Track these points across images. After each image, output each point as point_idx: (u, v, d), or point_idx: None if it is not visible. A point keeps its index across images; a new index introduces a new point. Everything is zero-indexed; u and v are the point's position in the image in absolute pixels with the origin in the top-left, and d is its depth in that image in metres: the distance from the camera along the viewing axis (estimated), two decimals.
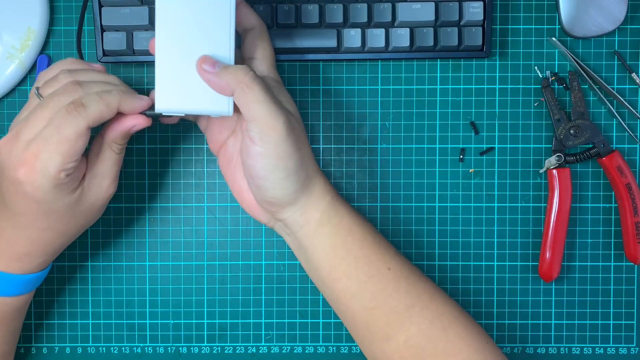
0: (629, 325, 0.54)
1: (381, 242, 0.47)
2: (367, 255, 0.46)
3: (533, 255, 0.54)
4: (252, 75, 0.42)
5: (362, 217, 0.48)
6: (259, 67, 0.46)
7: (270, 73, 0.47)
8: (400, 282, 0.46)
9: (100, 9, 0.51)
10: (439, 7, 0.51)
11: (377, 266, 0.46)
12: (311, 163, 0.46)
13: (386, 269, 0.46)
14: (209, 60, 0.42)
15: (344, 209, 0.47)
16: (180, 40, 0.43)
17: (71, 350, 0.54)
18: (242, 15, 0.47)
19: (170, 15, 0.43)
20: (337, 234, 0.46)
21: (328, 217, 0.46)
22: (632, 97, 0.54)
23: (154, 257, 0.54)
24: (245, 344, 0.55)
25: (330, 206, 0.46)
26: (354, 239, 0.46)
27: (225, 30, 0.43)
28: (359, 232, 0.46)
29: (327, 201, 0.46)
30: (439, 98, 0.54)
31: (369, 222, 0.48)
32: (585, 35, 0.52)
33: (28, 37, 0.52)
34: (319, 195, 0.46)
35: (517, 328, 0.54)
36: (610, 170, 0.52)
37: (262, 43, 0.47)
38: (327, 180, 0.47)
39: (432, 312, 0.45)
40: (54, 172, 0.41)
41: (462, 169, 0.54)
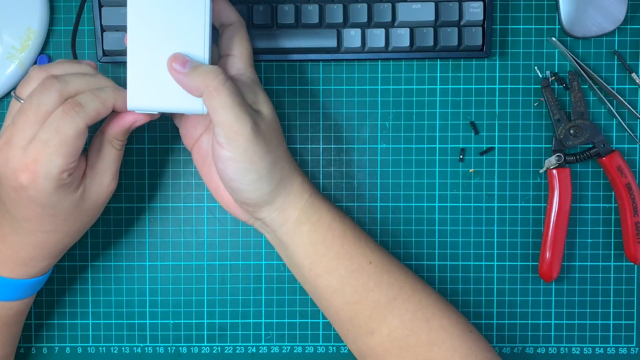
0: (629, 325, 0.54)
1: (361, 237, 0.47)
2: (348, 251, 0.46)
3: (533, 255, 0.54)
4: (221, 79, 0.40)
5: (341, 213, 0.48)
6: (236, 65, 0.46)
7: (247, 71, 0.46)
8: (382, 276, 0.46)
9: (100, 9, 0.51)
10: (439, 7, 0.51)
11: (359, 261, 0.46)
12: (287, 162, 0.46)
13: (367, 263, 0.46)
14: (180, 59, 0.41)
15: (323, 206, 0.47)
16: (152, 36, 0.42)
17: (71, 350, 0.54)
18: (220, 10, 0.46)
19: (143, 10, 0.42)
20: (316, 232, 0.46)
21: (307, 215, 0.46)
22: (632, 97, 0.54)
23: (154, 257, 0.54)
24: (245, 344, 0.55)
25: (308, 204, 0.46)
26: (334, 236, 0.46)
27: (200, 27, 0.42)
28: (339, 229, 0.46)
29: (306, 199, 0.46)
30: (439, 98, 0.54)
31: (348, 218, 0.48)
32: (585, 35, 0.52)
33: (28, 37, 0.52)
34: (297, 194, 0.46)
35: (517, 328, 0.54)
36: (610, 170, 0.52)
37: (240, 40, 0.46)
38: (306, 177, 0.47)
39: (415, 304, 0.46)
40: (56, 174, 0.40)
41: (462, 169, 0.54)
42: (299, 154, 0.54)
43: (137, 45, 0.42)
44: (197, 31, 0.42)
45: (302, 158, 0.54)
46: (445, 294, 0.54)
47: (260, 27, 0.51)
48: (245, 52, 0.46)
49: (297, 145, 0.54)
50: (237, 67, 0.46)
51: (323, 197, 0.48)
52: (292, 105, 0.54)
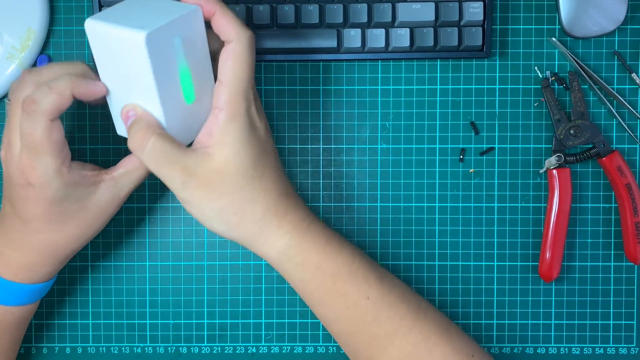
0: (629, 325, 0.54)
1: (359, 272, 0.45)
2: (341, 288, 0.45)
3: (533, 255, 0.54)
4: (147, 146, 0.40)
5: (337, 246, 0.45)
6: (219, 97, 0.41)
7: (230, 106, 0.41)
8: (381, 310, 0.45)
9: (100, 9, 0.51)
10: (439, 7, 0.51)
11: (354, 297, 0.45)
12: (256, 206, 0.43)
13: (364, 299, 0.45)
14: (124, 112, 0.42)
15: (310, 245, 0.44)
16: (114, 77, 0.41)
17: (71, 350, 0.54)
18: (219, 25, 0.41)
19: (101, 54, 0.40)
20: (303, 272, 0.45)
21: (287, 256, 0.44)
22: (632, 97, 0.54)
23: (154, 257, 0.54)
24: (245, 344, 0.55)
25: (288, 246, 0.44)
26: (324, 274, 0.44)
27: (148, 77, 0.39)
28: (331, 267, 0.44)
29: (285, 242, 0.44)
30: (439, 98, 0.54)
31: (347, 250, 0.46)
32: (585, 35, 0.52)
33: (28, 37, 0.52)
34: (272, 236, 0.44)
35: (517, 328, 0.54)
36: (610, 170, 0.52)
37: (233, 64, 0.41)
38: (292, 216, 0.44)
39: (416, 335, 0.44)
40: (52, 172, 0.41)
41: (462, 169, 0.54)
42: (299, 154, 0.54)
43: (108, 82, 0.42)
44: (146, 81, 0.40)
45: (302, 158, 0.54)
46: (445, 294, 0.54)
47: (260, 27, 0.51)
48: (235, 81, 0.41)
49: (297, 146, 0.54)
50: (219, 101, 0.42)
51: (315, 234, 0.45)
52: (292, 105, 0.54)
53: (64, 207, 0.43)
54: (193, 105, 0.42)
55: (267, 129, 0.45)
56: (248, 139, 0.42)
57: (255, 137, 0.43)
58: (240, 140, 0.42)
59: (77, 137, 0.54)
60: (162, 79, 0.40)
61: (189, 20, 0.40)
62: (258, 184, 0.43)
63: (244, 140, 0.42)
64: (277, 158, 0.46)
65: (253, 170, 0.43)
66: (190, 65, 0.41)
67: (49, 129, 0.40)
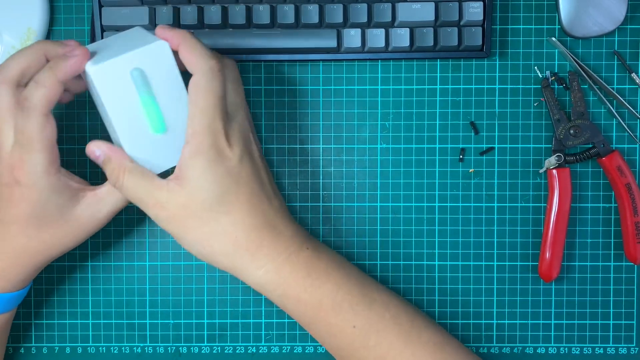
0: (629, 325, 0.54)
1: (344, 302, 0.44)
2: (325, 318, 0.45)
3: (533, 255, 0.54)
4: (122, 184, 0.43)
5: (321, 278, 0.45)
6: (187, 131, 0.42)
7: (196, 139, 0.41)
8: (368, 337, 0.44)
9: (100, 9, 0.51)
10: (439, 7, 0.51)
11: (339, 328, 0.45)
12: (224, 242, 0.43)
13: (350, 327, 0.44)
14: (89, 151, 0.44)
15: (288, 279, 0.44)
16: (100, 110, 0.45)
17: (71, 350, 0.54)
18: (181, 58, 0.42)
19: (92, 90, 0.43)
20: (284, 302, 0.45)
21: (266, 289, 0.45)
22: (632, 97, 0.54)
23: (154, 257, 0.54)
24: (245, 343, 0.55)
25: (264, 281, 0.44)
26: (305, 307, 0.45)
27: (106, 114, 0.43)
28: (312, 299, 0.44)
29: (260, 275, 0.44)
30: (439, 98, 0.54)
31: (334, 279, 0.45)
32: (585, 35, 0.52)
33: (28, 37, 0.52)
34: (247, 270, 0.44)
35: (517, 328, 0.54)
36: (610, 170, 0.52)
37: (196, 96, 0.41)
38: (268, 249, 0.44)
39: (407, 357, 0.44)
40: (42, 169, 0.42)
41: (462, 169, 0.54)
42: (299, 154, 0.54)
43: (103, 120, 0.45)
44: (105, 111, 0.42)
45: (302, 158, 0.54)
46: (445, 294, 0.54)
47: (261, 27, 0.51)
48: (198, 115, 0.41)
49: (297, 146, 0.54)
50: (187, 134, 0.42)
51: (294, 266, 0.44)
52: (292, 105, 0.54)
53: (44, 212, 0.43)
54: (166, 134, 0.44)
55: (245, 153, 0.44)
56: (212, 173, 0.42)
57: (222, 170, 0.42)
58: (204, 175, 0.42)
59: (66, 137, 0.54)
60: (118, 109, 0.42)
61: (152, 53, 0.41)
62: (225, 219, 0.43)
63: (207, 175, 0.42)
64: (260, 183, 0.45)
65: (218, 205, 0.42)
66: (159, 96, 0.42)
67: (42, 125, 0.41)
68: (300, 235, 0.46)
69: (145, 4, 0.50)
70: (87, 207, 0.45)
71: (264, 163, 0.47)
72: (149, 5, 0.50)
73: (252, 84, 0.54)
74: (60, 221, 0.44)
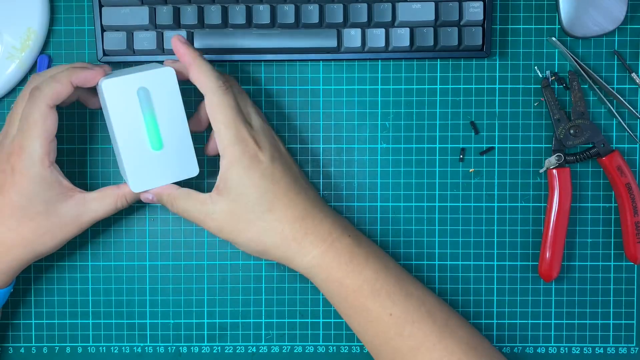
0: (629, 325, 0.54)
1: (383, 289, 0.46)
2: (364, 304, 0.46)
3: (533, 255, 0.54)
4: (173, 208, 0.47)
5: (361, 264, 0.47)
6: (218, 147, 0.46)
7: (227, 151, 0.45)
8: (403, 327, 0.46)
9: (100, 9, 0.51)
10: (439, 7, 0.51)
11: (376, 313, 0.46)
12: (273, 237, 0.46)
13: (387, 315, 0.46)
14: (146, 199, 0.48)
15: (333, 263, 0.46)
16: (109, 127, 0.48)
17: (71, 350, 0.55)
18: (192, 80, 0.46)
19: None
20: (327, 286, 0.47)
21: (312, 274, 0.47)
22: (632, 97, 0.54)
23: (154, 257, 0.54)
24: (245, 343, 0.55)
25: (311, 265, 0.46)
26: (347, 291, 0.46)
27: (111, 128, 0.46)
28: (353, 284, 0.46)
29: (308, 260, 0.46)
30: (439, 98, 0.54)
31: (373, 266, 0.47)
32: (585, 35, 0.52)
33: (28, 37, 0.52)
34: (297, 258, 0.46)
35: (517, 328, 0.54)
36: (610, 170, 0.52)
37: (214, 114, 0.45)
38: (312, 237, 0.46)
39: (440, 351, 0.45)
40: (38, 157, 0.44)
41: (462, 169, 0.54)
42: (299, 154, 0.54)
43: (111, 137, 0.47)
44: (112, 131, 0.47)
45: (302, 158, 0.54)
46: (445, 294, 0.54)
47: (261, 27, 0.51)
48: (222, 129, 0.45)
49: (297, 145, 0.54)
50: (219, 149, 0.46)
51: (338, 251, 0.47)
52: (292, 105, 0.54)
53: (30, 203, 0.45)
54: (163, 152, 0.47)
55: (274, 152, 0.47)
56: (250, 179, 0.45)
57: (258, 173, 0.45)
58: (242, 182, 0.45)
59: (66, 136, 0.54)
60: (122, 123, 0.45)
61: (159, 77, 0.46)
62: (270, 216, 0.46)
63: (245, 181, 0.45)
64: (293, 177, 0.47)
65: (260, 205, 0.46)
66: (159, 116, 0.46)
67: (45, 114, 0.44)
68: (341, 222, 0.48)
69: (145, 4, 0.51)
70: (72, 208, 0.46)
71: (292, 158, 0.49)
72: (149, 5, 0.50)
73: (252, 84, 0.54)
74: (43, 216, 0.45)
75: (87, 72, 0.45)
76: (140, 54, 0.52)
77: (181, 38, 0.46)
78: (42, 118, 0.44)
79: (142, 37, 0.51)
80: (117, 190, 0.48)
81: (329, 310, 0.54)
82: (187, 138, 0.47)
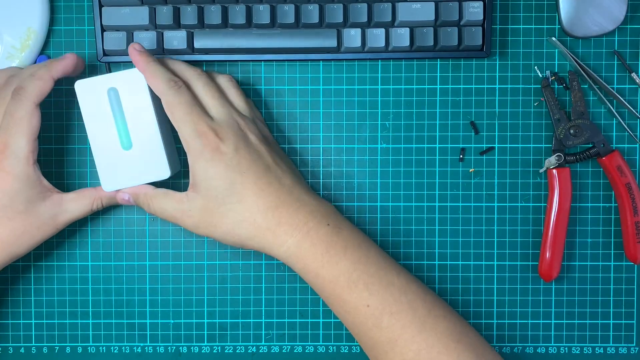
0: (629, 325, 0.54)
1: (360, 280, 0.45)
2: (340, 295, 0.46)
3: (533, 255, 0.54)
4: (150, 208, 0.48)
5: (338, 255, 0.46)
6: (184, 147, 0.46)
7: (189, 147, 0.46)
8: (381, 318, 0.45)
9: (100, 9, 0.51)
10: (439, 7, 0.51)
11: (353, 305, 0.46)
12: (246, 228, 0.46)
13: (364, 307, 0.45)
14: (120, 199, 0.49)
15: (308, 253, 0.46)
16: None
17: (71, 350, 0.55)
18: (148, 82, 0.47)
19: None
20: (305, 276, 0.47)
21: (290, 263, 0.47)
22: (632, 97, 0.54)
23: (154, 257, 0.54)
24: (245, 343, 0.55)
25: (287, 255, 0.46)
26: (323, 282, 0.46)
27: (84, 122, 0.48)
28: (330, 275, 0.46)
29: (283, 250, 0.46)
30: (439, 98, 0.54)
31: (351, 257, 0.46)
32: (585, 35, 0.52)
33: (28, 37, 0.52)
34: (274, 247, 0.46)
35: (517, 328, 0.54)
36: (610, 170, 0.52)
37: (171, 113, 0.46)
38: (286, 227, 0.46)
39: (419, 343, 0.45)
40: (23, 155, 0.45)
41: (462, 169, 0.54)
42: (299, 154, 0.54)
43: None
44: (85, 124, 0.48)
45: (302, 158, 0.54)
46: (445, 294, 0.54)
47: (261, 27, 0.51)
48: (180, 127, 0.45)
49: (297, 145, 0.54)
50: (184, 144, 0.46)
51: (313, 241, 0.46)
52: (292, 105, 0.54)
53: (12, 202, 0.45)
54: (132, 152, 0.48)
55: (239, 142, 0.46)
56: (214, 171, 0.45)
57: (223, 165, 0.45)
58: (208, 175, 0.45)
59: (60, 137, 0.54)
60: (94, 122, 0.47)
61: (129, 78, 0.47)
62: (240, 207, 0.46)
63: (211, 174, 0.45)
64: (264, 166, 0.46)
65: (230, 197, 0.46)
66: (128, 116, 0.47)
67: (30, 113, 0.45)
68: (322, 210, 0.47)
69: (145, 4, 0.51)
70: (50, 208, 0.47)
71: (267, 147, 0.48)
72: (149, 5, 0.50)
73: (252, 84, 0.54)
74: (22, 216, 0.46)
75: (62, 62, 0.47)
76: None
77: (137, 46, 0.47)
78: (28, 116, 0.45)
79: (142, 37, 0.51)
80: (94, 192, 0.48)
81: (329, 310, 0.54)
82: (156, 140, 0.48)
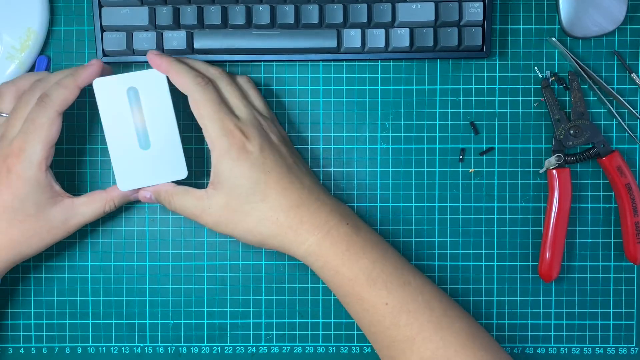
0: (629, 325, 0.54)
1: (379, 278, 0.46)
2: (359, 293, 0.46)
3: (533, 255, 0.54)
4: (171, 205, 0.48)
5: (358, 253, 0.46)
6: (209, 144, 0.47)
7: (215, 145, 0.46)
8: (399, 316, 0.45)
9: (100, 9, 0.51)
10: (439, 7, 0.51)
11: (372, 302, 0.46)
12: (268, 226, 0.46)
13: (383, 305, 0.46)
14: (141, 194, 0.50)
15: (329, 251, 0.46)
16: None
17: (71, 350, 0.55)
18: (174, 82, 0.47)
19: None
20: (324, 274, 0.47)
21: (309, 261, 0.47)
22: (632, 97, 0.54)
23: (154, 257, 0.54)
24: (245, 344, 0.55)
25: (307, 253, 0.47)
26: (343, 280, 0.46)
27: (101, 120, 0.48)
28: (349, 273, 0.46)
29: (305, 248, 0.46)
30: (439, 98, 0.54)
31: (370, 256, 0.47)
32: (585, 35, 0.52)
33: (28, 37, 0.52)
34: (294, 245, 0.47)
35: (517, 328, 0.54)
36: (610, 171, 0.52)
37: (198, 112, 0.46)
38: (308, 225, 0.46)
39: (436, 342, 0.45)
40: (37, 160, 0.45)
41: (462, 169, 0.54)
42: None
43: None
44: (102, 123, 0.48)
45: (302, 158, 0.54)
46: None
47: (261, 27, 0.51)
48: (207, 125, 0.46)
49: (297, 146, 0.54)
50: (209, 142, 0.47)
51: (334, 240, 0.46)
52: (292, 105, 0.54)
53: (22, 205, 0.46)
54: (150, 152, 0.48)
55: (264, 142, 0.47)
56: (240, 170, 0.46)
57: (248, 164, 0.46)
58: (233, 174, 0.46)
59: (66, 137, 0.54)
60: (112, 121, 0.47)
61: (149, 78, 0.47)
62: (264, 206, 0.46)
63: (236, 173, 0.46)
64: (286, 166, 0.47)
65: (253, 195, 0.46)
66: (147, 116, 0.47)
67: (52, 120, 0.45)
68: (340, 210, 0.48)
69: (145, 4, 0.51)
70: (61, 212, 0.47)
71: (287, 147, 0.49)
72: (149, 5, 0.50)
73: None
74: (33, 218, 0.46)
75: (88, 70, 0.47)
76: (140, 54, 0.52)
77: (154, 52, 0.48)
78: (49, 123, 0.45)
79: (141, 37, 0.51)
80: (104, 194, 0.49)
81: (329, 310, 0.54)
82: (176, 140, 0.48)
